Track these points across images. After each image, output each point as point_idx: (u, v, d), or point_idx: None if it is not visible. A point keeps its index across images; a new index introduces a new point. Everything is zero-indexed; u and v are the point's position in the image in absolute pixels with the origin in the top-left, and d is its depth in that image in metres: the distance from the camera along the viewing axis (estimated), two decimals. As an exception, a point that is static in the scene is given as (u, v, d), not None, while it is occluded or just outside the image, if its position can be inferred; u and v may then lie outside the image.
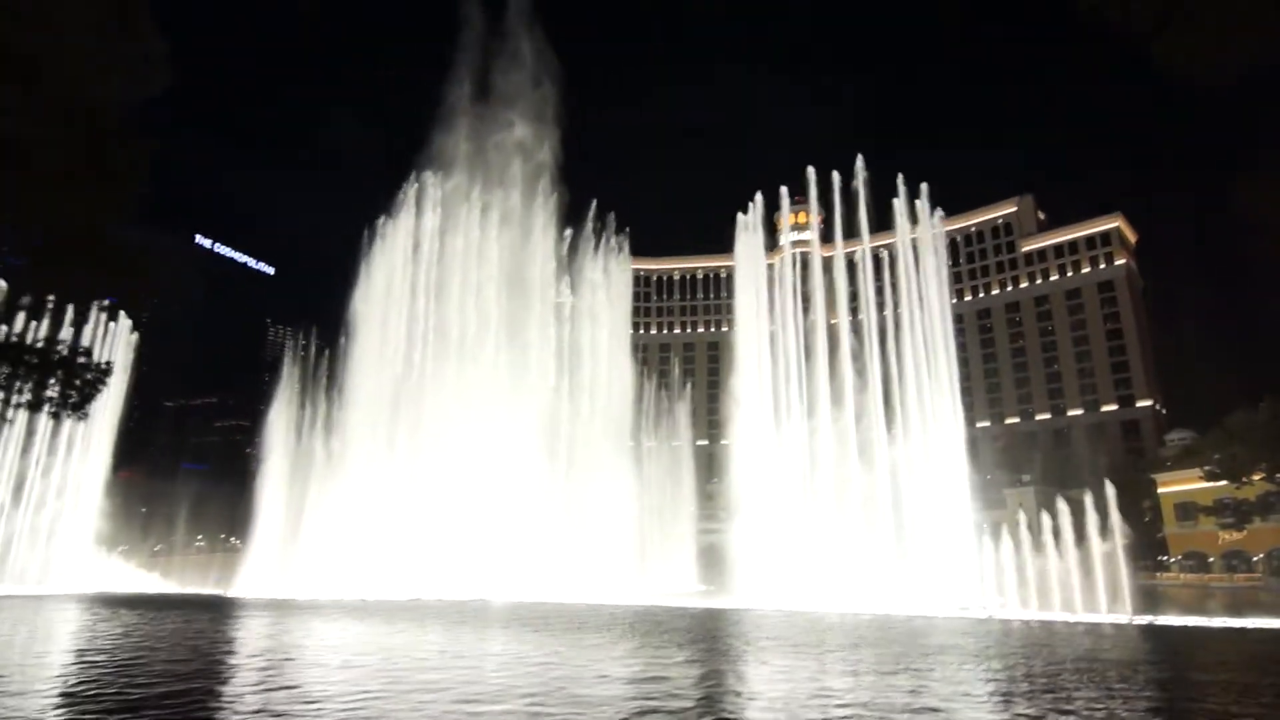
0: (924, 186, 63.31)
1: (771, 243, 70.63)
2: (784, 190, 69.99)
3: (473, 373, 65.35)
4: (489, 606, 43.87)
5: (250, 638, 29.07)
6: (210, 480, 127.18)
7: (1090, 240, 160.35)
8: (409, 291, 69.73)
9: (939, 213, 64.77)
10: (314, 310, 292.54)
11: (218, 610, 42.27)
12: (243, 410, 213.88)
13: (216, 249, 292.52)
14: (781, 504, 53.95)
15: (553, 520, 60.73)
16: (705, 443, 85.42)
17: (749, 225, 66.00)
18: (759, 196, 66.75)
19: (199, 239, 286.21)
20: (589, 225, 79.76)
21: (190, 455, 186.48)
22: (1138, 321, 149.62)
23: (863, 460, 56.28)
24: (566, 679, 17.68)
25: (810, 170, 65.94)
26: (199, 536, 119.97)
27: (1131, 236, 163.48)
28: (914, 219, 63.50)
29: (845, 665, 20.37)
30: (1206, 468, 70.62)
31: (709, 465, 77.72)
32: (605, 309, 78.73)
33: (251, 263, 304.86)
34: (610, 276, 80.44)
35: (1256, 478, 64.95)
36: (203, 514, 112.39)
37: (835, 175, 65.11)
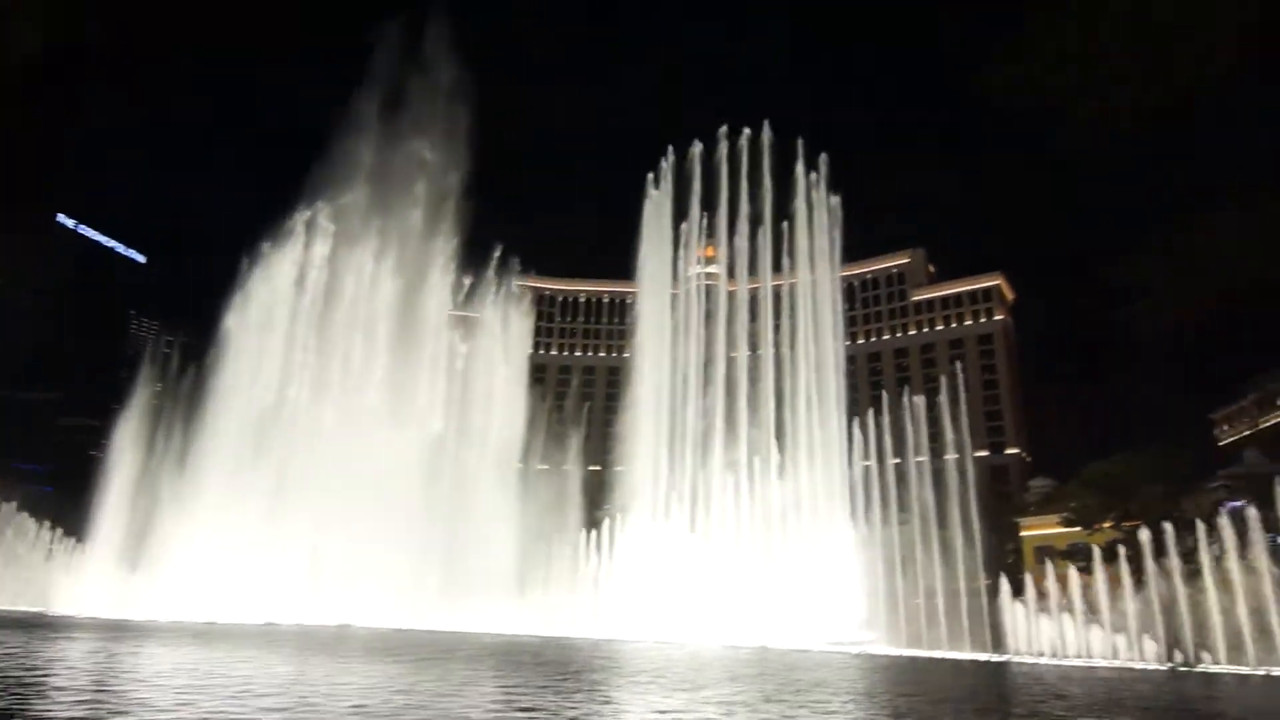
0: (830, 232, 66.29)
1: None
2: (694, 216, 71.15)
3: (353, 401, 62.63)
4: (350, 633, 41.45)
5: (71, 662, 26.10)
6: (46, 482, 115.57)
7: (973, 295, 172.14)
8: (288, 316, 66.02)
9: (837, 257, 67.82)
10: (189, 307, 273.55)
11: (37, 630, 37.97)
12: (92, 408, 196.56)
13: (80, 230, 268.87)
14: (665, 534, 54.06)
15: (427, 545, 58.41)
16: (598, 468, 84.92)
17: (654, 254, 67.03)
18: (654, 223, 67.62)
19: (61, 218, 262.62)
20: (493, 259, 79.34)
21: (25, 453, 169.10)
22: (1010, 374, 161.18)
23: (750, 494, 57.34)
24: (424, 712, 16.63)
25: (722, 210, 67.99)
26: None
27: (1009, 295, 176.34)
28: (813, 260, 66.16)
29: (721, 698, 20.18)
30: (1063, 514, 76.30)
31: (601, 491, 77.33)
32: (499, 339, 77.40)
33: (120, 248, 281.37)
34: (508, 314, 79.38)
35: (1106, 525, 70.44)
36: (34, 519, 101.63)
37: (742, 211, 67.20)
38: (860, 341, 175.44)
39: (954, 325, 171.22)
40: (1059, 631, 43.52)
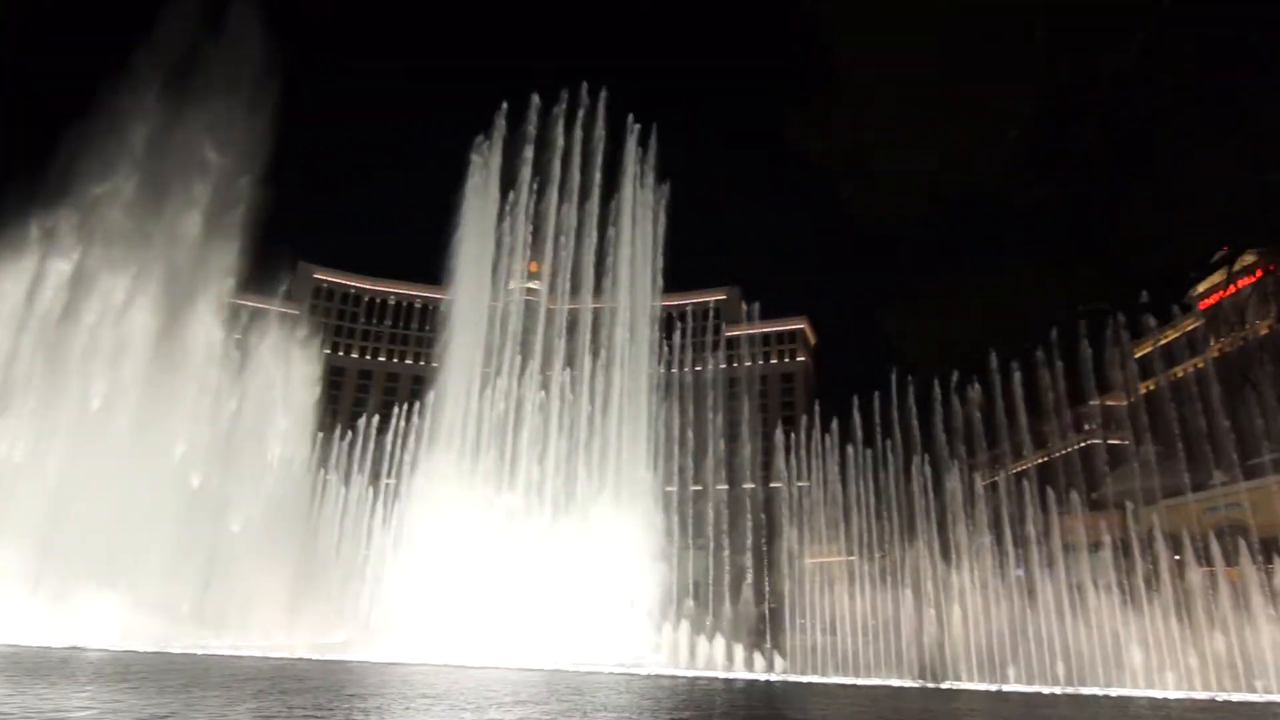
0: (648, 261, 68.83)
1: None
2: (518, 230, 70.81)
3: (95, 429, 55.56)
4: (80, 657, 36.30)
5: None
6: None
7: (780, 336, 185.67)
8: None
9: (657, 287, 70.58)
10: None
11: None
12: None
13: None
14: (455, 551, 52.69)
15: (181, 563, 52.88)
16: (392, 481, 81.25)
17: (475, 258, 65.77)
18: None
19: None
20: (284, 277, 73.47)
21: None
22: (808, 411, 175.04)
23: (553, 514, 57.45)
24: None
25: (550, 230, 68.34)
26: None
27: (812, 338, 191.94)
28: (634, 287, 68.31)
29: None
30: (844, 543, 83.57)
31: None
32: (280, 371, 71.68)
33: None
34: (290, 359, 73.87)
35: (880, 555, 77.95)
36: None
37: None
38: (674, 370, 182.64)
39: (760, 362, 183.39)
40: (825, 649, 47.56)
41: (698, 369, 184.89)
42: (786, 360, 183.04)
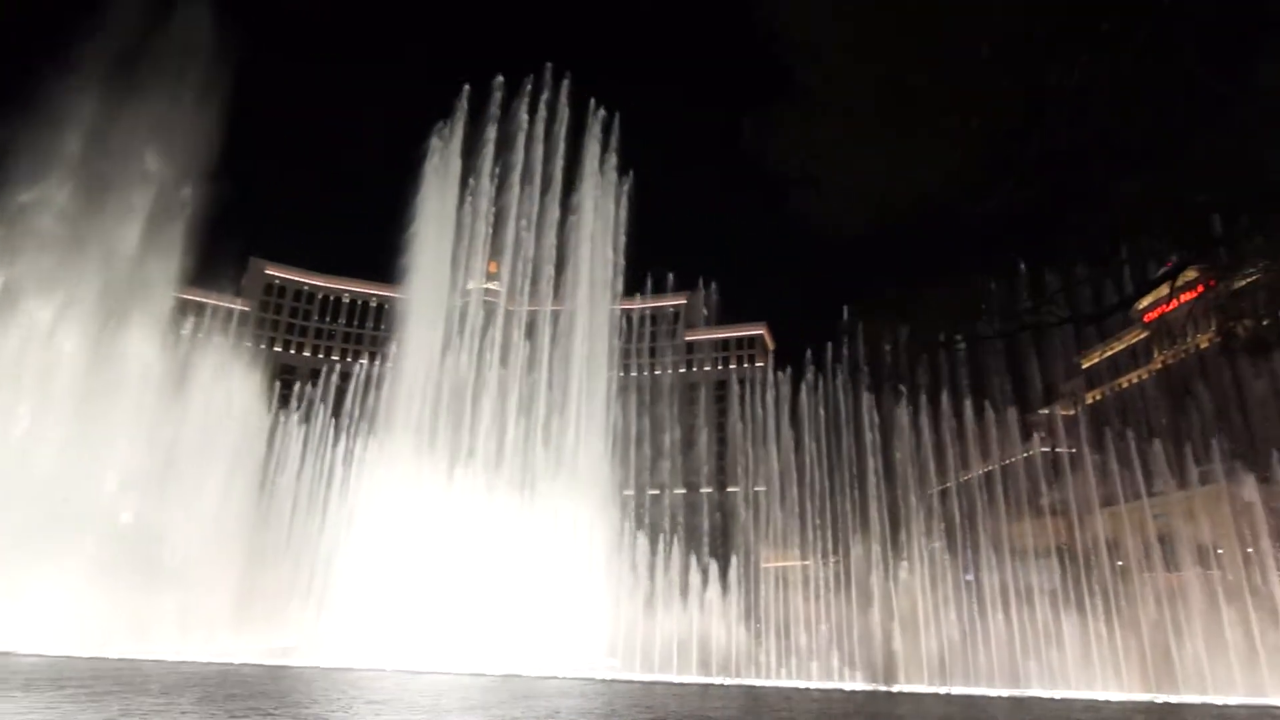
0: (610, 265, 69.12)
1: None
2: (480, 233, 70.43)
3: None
4: (10, 664, 34.96)
5: None
6: None
7: (739, 341, 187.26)
8: None
9: (618, 291, 70.84)
10: None
11: None
12: None
13: None
14: (405, 553, 52.03)
15: (122, 565, 51.45)
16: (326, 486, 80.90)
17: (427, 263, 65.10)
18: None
19: None
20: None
21: None
22: (763, 419, 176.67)
23: (506, 517, 57.07)
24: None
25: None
26: None
27: (771, 344, 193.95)
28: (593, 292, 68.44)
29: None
30: (798, 548, 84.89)
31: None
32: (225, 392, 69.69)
33: None
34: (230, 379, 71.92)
35: (834, 560, 79.27)
36: None
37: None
38: (633, 374, 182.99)
39: (720, 367, 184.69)
40: (778, 655, 48.18)
41: (656, 372, 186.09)
42: (745, 365, 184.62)
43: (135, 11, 59.14)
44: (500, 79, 69.96)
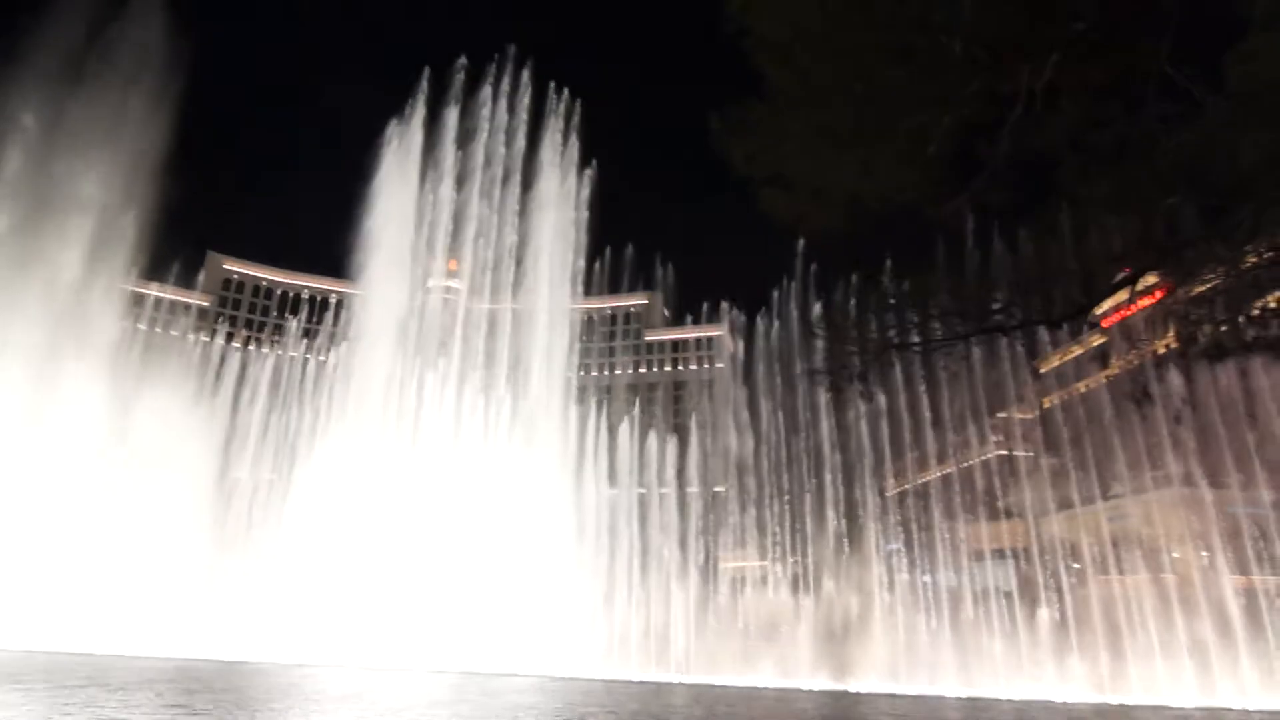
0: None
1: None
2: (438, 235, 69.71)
3: None
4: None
5: None
6: None
7: (699, 341, 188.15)
8: None
9: (577, 292, 71.00)
10: None
11: None
12: None
13: None
14: (360, 551, 51.44)
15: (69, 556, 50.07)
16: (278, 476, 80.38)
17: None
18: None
19: None
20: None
21: None
22: (722, 418, 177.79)
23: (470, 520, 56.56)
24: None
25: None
26: None
27: (731, 345, 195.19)
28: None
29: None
30: (755, 548, 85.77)
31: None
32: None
33: None
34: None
35: (792, 560, 79.93)
36: None
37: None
38: (594, 374, 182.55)
39: (680, 368, 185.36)
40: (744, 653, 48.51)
41: (618, 373, 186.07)
42: (706, 366, 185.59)
43: (84, 10, 58.06)
44: (464, 61, 69.24)
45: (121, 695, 22.59)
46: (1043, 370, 68.12)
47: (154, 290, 78.73)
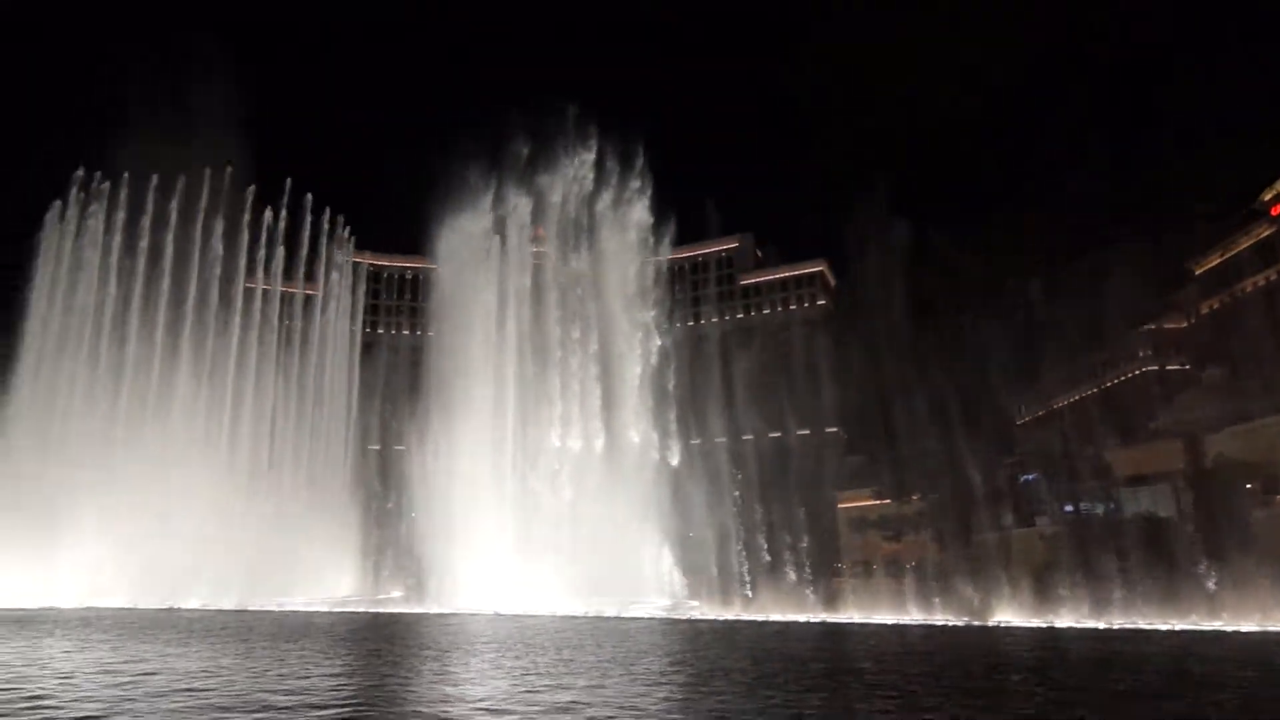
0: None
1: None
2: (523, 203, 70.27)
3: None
4: (180, 616, 36.79)
5: None
6: None
7: (798, 280, 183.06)
8: None
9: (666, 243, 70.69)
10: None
11: None
12: None
13: None
14: (494, 510, 53.19)
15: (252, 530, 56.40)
16: (378, 448, 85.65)
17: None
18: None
19: None
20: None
21: None
22: (830, 357, 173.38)
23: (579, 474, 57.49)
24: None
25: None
26: None
27: (832, 280, 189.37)
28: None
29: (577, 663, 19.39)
30: (876, 488, 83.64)
31: (383, 471, 77.84)
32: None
33: None
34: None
35: (914, 498, 77.50)
36: None
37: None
38: (690, 324, 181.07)
39: (779, 309, 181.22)
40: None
41: (714, 320, 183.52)
42: (806, 305, 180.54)
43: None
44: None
45: (307, 642, 23.63)
46: (1198, 271, 60.99)
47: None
